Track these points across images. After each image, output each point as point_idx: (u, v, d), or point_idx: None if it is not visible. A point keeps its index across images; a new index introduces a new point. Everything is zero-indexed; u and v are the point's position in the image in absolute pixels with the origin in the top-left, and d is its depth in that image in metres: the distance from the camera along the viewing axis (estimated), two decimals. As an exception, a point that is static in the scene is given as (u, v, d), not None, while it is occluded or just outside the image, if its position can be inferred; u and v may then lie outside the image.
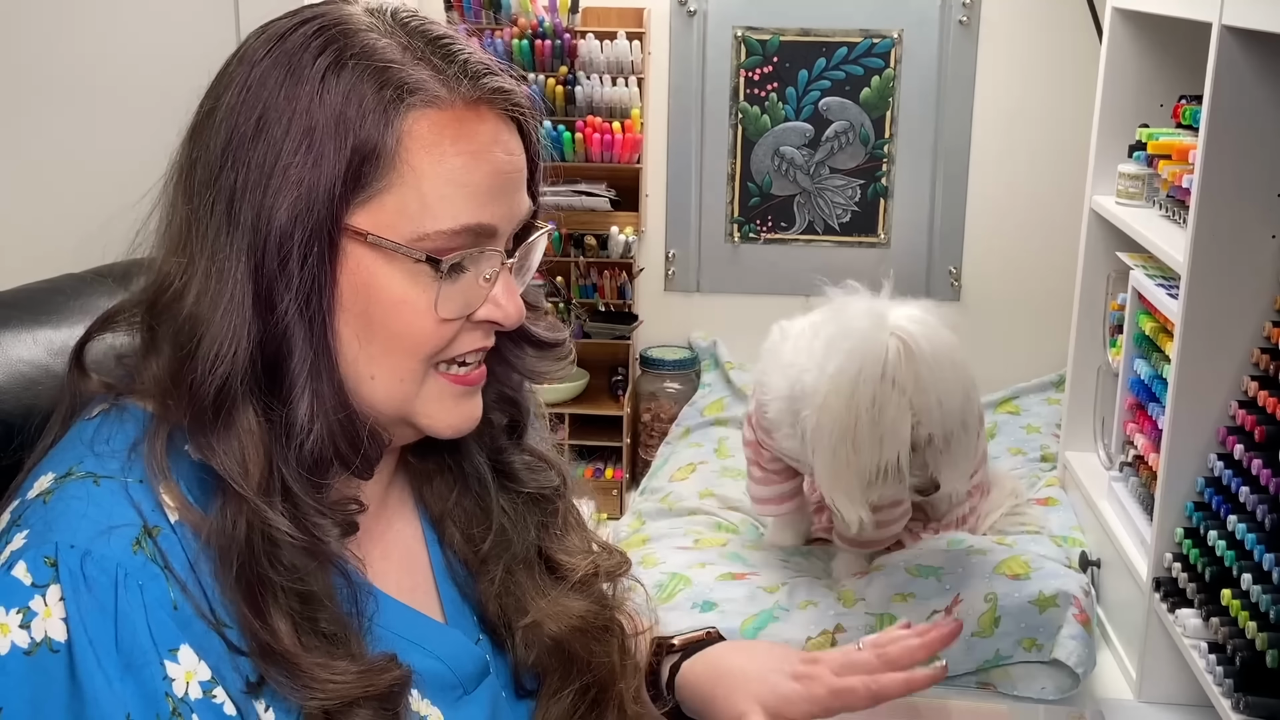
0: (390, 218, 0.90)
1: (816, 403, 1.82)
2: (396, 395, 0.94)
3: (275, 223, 0.88)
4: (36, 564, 0.83)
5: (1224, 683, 1.53)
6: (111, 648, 0.83)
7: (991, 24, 2.88)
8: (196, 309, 0.89)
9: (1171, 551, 1.74)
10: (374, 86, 0.89)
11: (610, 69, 2.84)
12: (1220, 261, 1.64)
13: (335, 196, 0.88)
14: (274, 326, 0.88)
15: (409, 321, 0.91)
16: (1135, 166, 2.07)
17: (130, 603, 0.84)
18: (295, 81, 0.89)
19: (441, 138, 0.90)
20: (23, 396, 1.04)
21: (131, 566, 0.84)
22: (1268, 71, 1.58)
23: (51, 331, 1.10)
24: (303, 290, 0.88)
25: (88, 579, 0.83)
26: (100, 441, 0.90)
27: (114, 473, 0.88)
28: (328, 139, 0.88)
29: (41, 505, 0.87)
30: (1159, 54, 2.13)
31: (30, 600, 0.83)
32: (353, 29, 0.91)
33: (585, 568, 1.10)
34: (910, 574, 1.98)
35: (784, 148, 2.97)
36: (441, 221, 0.90)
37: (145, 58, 1.85)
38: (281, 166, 0.88)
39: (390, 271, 0.90)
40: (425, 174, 0.89)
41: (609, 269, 2.93)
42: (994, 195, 2.91)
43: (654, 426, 2.95)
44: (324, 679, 0.88)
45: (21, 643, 0.82)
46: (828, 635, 1.87)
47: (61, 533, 0.84)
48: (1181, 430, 1.71)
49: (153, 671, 0.83)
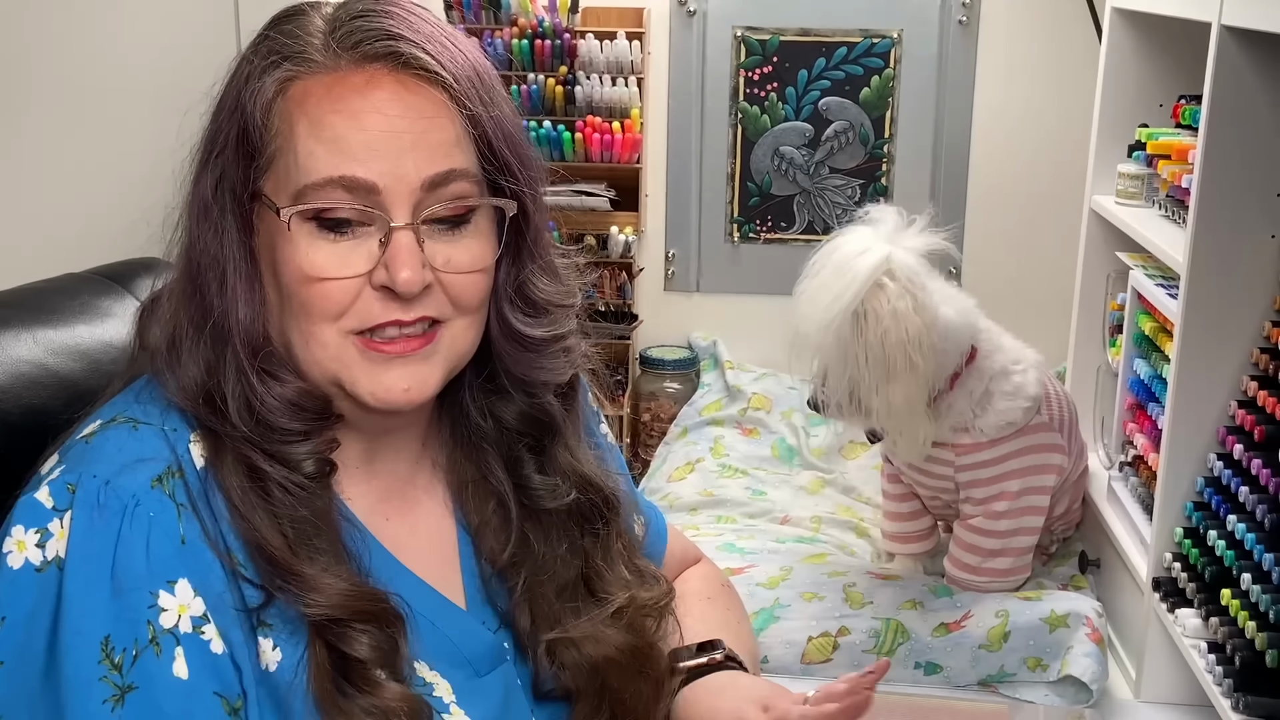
0: (280, 182, 0.94)
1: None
2: (320, 359, 0.96)
3: (202, 194, 0.95)
4: (59, 490, 0.89)
5: (1224, 683, 1.53)
6: (106, 571, 0.87)
7: (991, 24, 2.88)
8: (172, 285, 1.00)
9: (1171, 551, 1.74)
10: (261, 59, 0.95)
11: (610, 69, 2.84)
12: (1220, 261, 1.64)
13: (238, 166, 0.94)
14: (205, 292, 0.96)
15: (301, 279, 0.94)
16: (1135, 166, 2.07)
17: (135, 530, 0.88)
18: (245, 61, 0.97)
19: (320, 101, 0.93)
20: (23, 396, 1.05)
21: (146, 498, 0.89)
22: (1268, 71, 1.58)
23: (51, 331, 1.11)
24: (230, 258, 0.95)
25: (100, 504, 0.88)
26: (144, 397, 0.97)
27: (153, 419, 0.94)
28: (233, 113, 0.95)
29: (84, 445, 0.93)
30: (1159, 54, 2.13)
31: (49, 522, 0.88)
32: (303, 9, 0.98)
33: (621, 600, 1.10)
34: (928, 587, 1.98)
35: (784, 148, 2.97)
36: (309, 175, 0.93)
37: (146, 58, 1.85)
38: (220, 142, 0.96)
39: (284, 234, 0.94)
40: (299, 135, 0.93)
41: (609, 269, 2.93)
42: (994, 195, 2.91)
43: (654, 426, 2.95)
44: (325, 584, 0.92)
45: (35, 560, 0.87)
46: (829, 638, 1.87)
47: (91, 464, 0.90)
48: (1181, 430, 1.71)
49: (139, 598, 0.87)
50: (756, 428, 2.71)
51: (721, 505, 2.39)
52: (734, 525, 2.31)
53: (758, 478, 2.51)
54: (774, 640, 1.87)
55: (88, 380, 1.09)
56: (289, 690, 0.91)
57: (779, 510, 2.37)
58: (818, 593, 1.97)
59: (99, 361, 1.12)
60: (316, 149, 0.92)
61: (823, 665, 1.86)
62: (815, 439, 2.67)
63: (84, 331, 1.13)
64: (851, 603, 1.95)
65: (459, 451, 1.08)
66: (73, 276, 1.21)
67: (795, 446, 2.64)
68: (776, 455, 2.62)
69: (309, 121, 0.93)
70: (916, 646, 1.86)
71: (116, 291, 1.19)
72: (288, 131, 0.93)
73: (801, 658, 1.86)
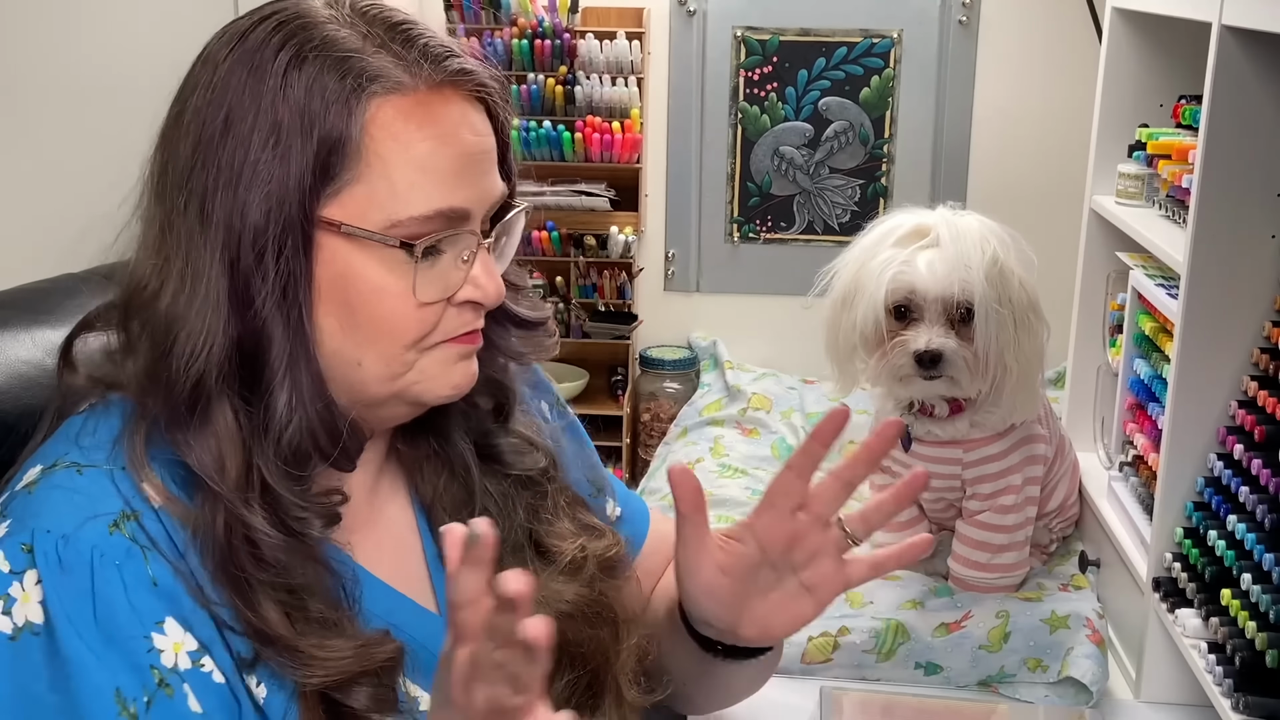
0: (362, 207, 0.90)
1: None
2: (385, 378, 0.94)
3: (248, 219, 0.89)
4: (13, 551, 0.85)
5: (1224, 683, 1.53)
6: (91, 625, 0.84)
7: (991, 24, 2.88)
8: (172, 308, 0.90)
9: (1171, 551, 1.73)
10: (336, 77, 0.90)
11: (610, 69, 2.84)
12: (1220, 261, 1.64)
13: (305, 189, 0.89)
14: (251, 321, 0.90)
15: (390, 307, 0.92)
16: (1135, 166, 2.07)
17: (108, 581, 0.85)
18: (259, 79, 0.90)
19: (407, 123, 0.91)
20: (22, 396, 1.04)
21: (107, 547, 0.85)
22: (1268, 71, 1.57)
23: (50, 331, 1.11)
24: (279, 284, 0.89)
25: (63, 562, 0.84)
26: (86, 435, 0.92)
27: (98, 461, 0.90)
28: (294, 134, 0.89)
29: (26, 495, 0.89)
30: (1159, 54, 2.13)
31: (9, 587, 0.84)
32: (312, 21, 0.92)
33: (572, 551, 1.09)
34: (928, 586, 1.98)
35: (784, 148, 2.97)
36: (413, 207, 0.91)
37: (145, 58, 1.85)
38: (251, 163, 0.89)
39: (366, 260, 0.91)
40: (393, 161, 0.90)
41: (609, 269, 2.93)
42: (994, 195, 2.91)
43: (654, 426, 2.95)
44: (321, 658, 0.89)
45: (5, 629, 0.83)
46: (829, 638, 1.87)
47: (41, 519, 0.86)
48: (1181, 430, 1.70)
49: (136, 645, 0.84)
50: (756, 428, 2.71)
51: (721, 505, 2.38)
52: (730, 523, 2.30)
53: (758, 478, 2.51)
54: (774, 640, 1.87)
55: (87, 381, 1.09)
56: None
57: (779, 510, 2.36)
58: (817, 593, 1.97)
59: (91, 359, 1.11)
60: (416, 178, 0.91)
61: (823, 665, 1.86)
62: (815, 439, 2.66)
63: (83, 332, 1.13)
64: (851, 603, 1.94)
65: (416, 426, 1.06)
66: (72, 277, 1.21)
67: (795, 446, 2.63)
68: (776, 455, 2.62)
69: (399, 146, 0.90)
70: (916, 646, 1.86)
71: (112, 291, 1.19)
72: (374, 155, 0.90)
73: (802, 658, 1.86)
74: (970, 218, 1.90)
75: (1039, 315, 1.91)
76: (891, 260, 1.87)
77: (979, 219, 1.90)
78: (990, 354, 1.85)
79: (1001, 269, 1.86)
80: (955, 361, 1.86)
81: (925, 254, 1.87)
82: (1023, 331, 1.87)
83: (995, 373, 1.88)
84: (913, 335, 1.87)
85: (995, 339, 1.85)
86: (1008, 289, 1.86)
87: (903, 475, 2.01)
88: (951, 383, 1.89)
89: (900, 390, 1.94)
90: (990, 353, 1.85)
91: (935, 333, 1.86)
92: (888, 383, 1.94)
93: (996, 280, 1.85)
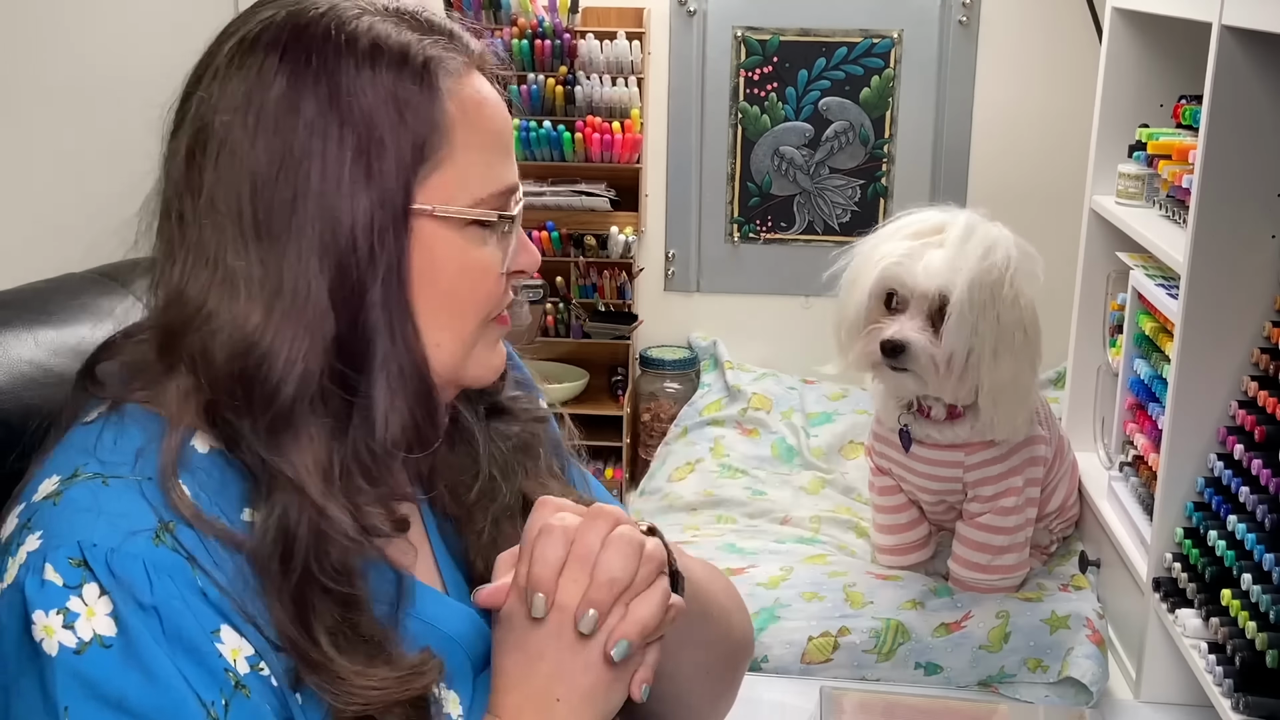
0: (449, 189, 0.93)
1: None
2: (458, 357, 0.97)
3: (351, 220, 0.90)
4: (63, 565, 0.84)
5: (1224, 683, 1.53)
6: (162, 635, 0.83)
7: (991, 24, 2.88)
8: (249, 324, 0.89)
9: (1171, 551, 1.74)
10: (409, 70, 0.92)
11: (610, 69, 2.84)
12: (1220, 261, 1.64)
13: (403, 184, 0.91)
14: (355, 317, 0.91)
15: (475, 282, 0.96)
16: (1135, 166, 2.07)
17: (166, 592, 0.84)
18: (331, 85, 0.90)
19: (471, 104, 0.94)
20: (23, 396, 1.04)
21: (155, 559, 0.85)
22: (1268, 71, 1.58)
23: (52, 331, 1.10)
24: (382, 277, 0.91)
25: (118, 575, 0.84)
26: (104, 446, 0.90)
27: (122, 473, 0.89)
28: (385, 131, 0.90)
29: (51, 507, 0.87)
30: (1159, 54, 2.13)
31: (67, 601, 0.83)
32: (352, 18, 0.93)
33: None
34: (928, 586, 1.98)
35: (784, 148, 2.97)
36: (489, 184, 0.95)
37: (144, 57, 1.85)
38: (346, 168, 0.89)
39: (452, 239, 0.94)
40: (469, 142, 0.93)
41: (609, 269, 2.93)
42: (994, 195, 2.90)
43: (654, 426, 2.95)
44: (362, 686, 0.88)
45: (69, 643, 0.83)
46: (829, 638, 1.87)
47: (80, 532, 0.85)
48: (1181, 430, 1.71)
49: (208, 650, 0.84)
50: (756, 428, 2.71)
51: (721, 505, 2.39)
52: (734, 525, 2.31)
53: (758, 478, 2.51)
54: (774, 640, 1.87)
55: (88, 381, 1.09)
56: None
57: (779, 510, 2.37)
58: (818, 593, 1.97)
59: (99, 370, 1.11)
60: (488, 156, 0.95)
61: (823, 665, 1.86)
62: (815, 439, 2.67)
63: (85, 332, 1.12)
64: (852, 603, 1.95)
65: None
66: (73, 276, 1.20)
67: (795, 446, 2.64)
68: (776, 455, 2.62)
69: (471, 127, 0.94)
70: (917, 646, 1.86)
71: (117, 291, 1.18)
72: (454, 138, 0.93)
73: (802, 658, 1.86)
74: (995, 228, 1.91)
75: (1030, 341, 1.89)
76: (894, 252, 1.89)
77: (1005, 233, 1.90)
78: (955, 357, 1.85)
79: (996, 282, 1.85)
80: (919, 357, 1.86)
81: (929, 251, 1.88)
82: (1004, 349, 1.85)
83: (969, 380, 1.87)
84: (888, 324, 1.88)
85: (964, 343, 1.84)
86: (996, 303, 1.84)
87: (904, 477, 2.04)
88: (916, 379, 1.89)
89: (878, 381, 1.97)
90: (956, 355, 1.85)
91: (909, 325, 1.87)
92: (860, 367, 1.95)
93: (985, 291, 1.84)
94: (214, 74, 0.93)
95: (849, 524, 2.32)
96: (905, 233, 1.93)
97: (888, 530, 2.11)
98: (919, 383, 1.89)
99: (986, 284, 1.84)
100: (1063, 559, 2.15)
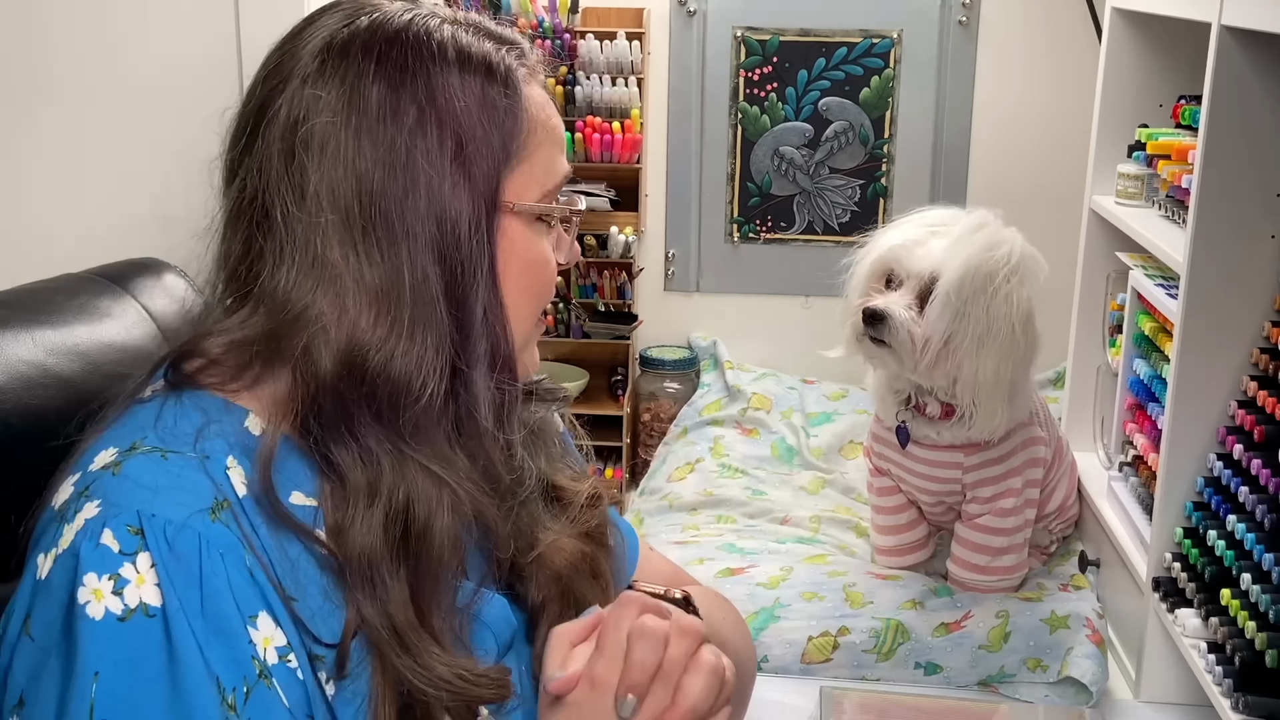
0: (525, 184, 0.98)
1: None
2: (520, 348, 1.01)
3: (455, 218, 0.94)
4: (121, 532, 0.86)
5: (1223, 683, 1.53)
6: (199, 614, 0.85)
7: (991, 24, 2.88)
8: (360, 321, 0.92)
9: (1171, 551, 1.73)
10: (495, 76, 0.97)
11: (610, 69, 2.84)
12: (1220, 261, 1.64)
13: (494, 181, 0.96)
14: (465, 313, 0.95)
15: (546, 274, 1.01)
16: (1135, 166, 2.07)
17: (214, 570, 0.86)
18: (426, 92, 0.94)
19: (538, 105, 1.00)
20: (22, 396, 1.04)
21: (212, 536, 0.87)
22: (1268, 71, 1.58)
23: (50, 332, 1.10)
24: (486, 273, 0.96)
25: (173, 547, 0.86)
26: (165, 424, 0.92)
27: (181, 449, 0.91)
28: (479, 135, 0.95)
29: (111, 477, 0.89)
30: (1159, 54, 2.13)
31: (120, 567, 0.85)
32: (434, 25, 0.97)
33: (589, 489, 1.12)
34: (928, 586, 1.98)
35: (784, 148, 2.97)
36: (555, 177, 1.01)
37: (144, 57, 1.85)
38: (447, 169, 0.94)
39: (525, 232, 0.99)
40: (543, 140, 0.99)
41: (609, 269, 2.93)
42: (994, 195, 2.90)
43: (654, 426, 2.95)
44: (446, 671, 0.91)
45: (115, 609, 0.84)
46: (829, 638, 1.87)
47: (140, 502, 0.87)
48: (1181, 430, 1.71)
49: (239, 637, 0.86)
50: (756, 428, 2.71)
51: (721, 505, 2.39)
52: (734, 525, 2.31)
53: (758, 478, 2.51)
54: (774, 640, 1.87)
55: (87, 381, 1.09)
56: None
57: (779, 510, 2.37)
58: (818, 592, 1.97)
59: (98, 363, 1.11)
60: (555, 153, 1.01)
61: (823, 665, 1.86)
62: (815, 439, 2.67)
63: (83, 332, 1.13)
64: (852, 603, 1.95)
65: None
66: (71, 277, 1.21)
67: (795, 446, 2.64)
68: (776, 455, 2.62)
69: (543, 126, 0.99)
70: (916, 646, 1.86)
71: (115, 292, 1.19)
72: (533, 137, 0.98)
73: (801, 657, 1.86)
74: (1009, 230, 1.91)
75: (1019, 342, 1.87)
76: (901, 236, 1.92)
77: (1017, 235, 1.91)
78: (933, 339, 1.85)
79: (990, 274, 1.85)
80: (897, 330, 1.86)
81: (934, 239, 1.89)
82: (990, 343, 1.85)
83: (945, 366, 1.87)
84: (877, 298, 1.90)
85: (945, 326, 1.84)
86: (987, 295, 1.84)
87: (903, 478, 2.04)
88: (894, 356, 1.89)
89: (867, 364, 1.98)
90: (934, 337, 1.85)
91: (895, 299, 1.88)
92: (849, 342, 1.95)
93: (978, 280, 1.84)
94: (303, 78, 0.95)
95: (849, 524, 2.32)
96: (919, 222, 1.95)
97: (887, 531, 2.11)
98: (896, 360, 1.89)
99: (980, 274, 1.84)
100: (1062, 559, 2.15)
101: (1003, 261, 1.86)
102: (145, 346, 1.16)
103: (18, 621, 0.86)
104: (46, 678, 0.84)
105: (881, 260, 1.92)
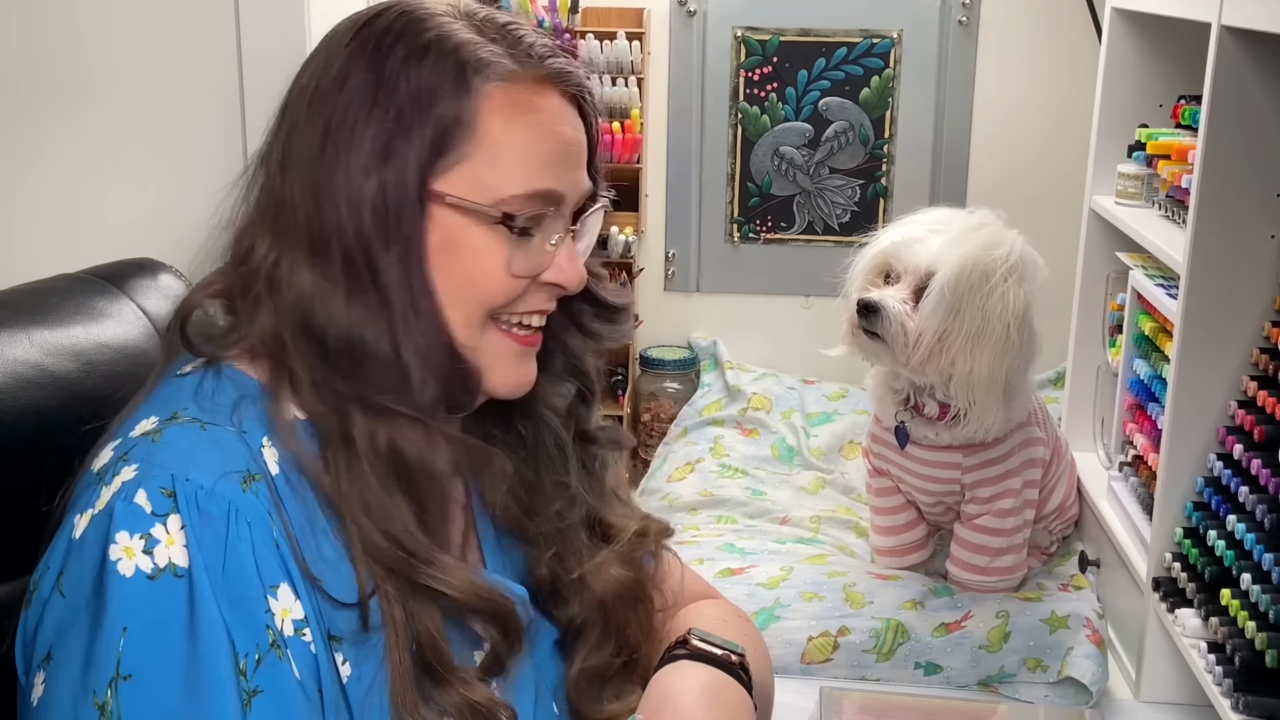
0: (470, 183, 0.98)
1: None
2: (470, 339, 1.00)
3: (371, 194, 0.96)
4: (155, 493, 0.89)
5: (1223, 682, 1.53)
6: (221, 579, 0.88)
7: (991, 24, 2.87)
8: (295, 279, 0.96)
9: (1171, 551, 1.73)
10: (452, 63, 0.97)
11: (610, 69, 2.84)
12: (1220, 261, 1.64)
13: (419, 170, 0.96)
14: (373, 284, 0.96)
15: (485, 270, 0.99)
16: (1135, 166, 2.07)
17: (240, 538, 0.89)
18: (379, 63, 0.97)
19: (514, 109, 0.98)
20: (20, 396, 1.05)
21: (242, 504, 0.90)
22: (1267, 71, 1.57)
23: (47, 332, 1.11)
24: (399, 253, 0.96)
25: (203, 511, 0.89)
26: (204, 396, 0.96)
27: (219, 421, 0.94)
28: (414, 114, 0.96)
29: (150, 443, 0.92)
30: (1158, 54, 2.13)
31: (151, 527, 0.88)
32: (430, 14, 0.99)
33: (637, 526, 1.15)
34: (928, 586, 1.98)
35: (784, 148, 2.97)
36: (515, 186, 0.98)
37: (144, 57, 1.85)
38: (374, 142, 0.96)
39: (469, 228, 0.98)
40: (501, 142, 0.98)
41: (609, 269, 2.93)
42: (993, 195, 2.89)
43: (654, 426, 2.95)
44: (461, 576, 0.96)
45: (145, 567, 0.87)
46: (829, 638, 1.87)
47: (176, 467, 0.90)
48: (1181, 430, 1.70)
49: (257, 604, 0.89)
50: (756, 428, 2.71)
51: (721, 505, 2.39)
52: (734, 525, 2.30)
53: (758, 478, 2.51)
54: (774, 640, 1.87)
55: (83, 381, 1.09)
56: (363, 707, 0.93)
57: (779, 510, 2.37)
58: (818, 592, 1.96)
59: (95, 362, 1.12)
60: (520, 160, 0.98)
61: (823, 665, 1.86)
62: (815, 439, 2.66)
63: (80, 332, 1.13)
64: (852, 603, 1.94)
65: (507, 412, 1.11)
66: (68, 277, 1.21)
67: (795, 446, 2.63)
68: (776, 455, 2.62)
69: (507, 129, 0.98)
70: (916, 646, 1.86)
71: (112, 292, 1.19)
72: (484, 137, 0.97)
73: (801, 657, 1.86)
74: (1010, 232, 1.91)
75: (1015, 342, 1.87)
76: (903, 233, 1.92)
77: (1018, 238, 1.91)
78: (926, 334, 1.85)
79: (987, 272, 1.85)
80: (890, 322, 1.86)
81: (933, 236, 1.89)
82: (984, 341, 1.85)
83: (937, 362, 1.87)
84: (874, 291, 1.90)
85: (939, 321, 1.84)
86: (982, 292, 1.84)
87: (902, 478, 2.04)
88: (887, 350, 1.89)
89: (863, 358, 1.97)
90: (927, 332, 1.85)
91: (890, 293, 1.88)
92: (846, 336, 1.95)
93: (974, 277, 1.84)
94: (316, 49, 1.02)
95: (849, 524, 2.32)
96: (921, 221, 1.95)
97: (886, 531, 2.11)
98: (890, 354, 1.89)
99: (976, 271, 1.84)
100: (1062, 559, 2.15)
101: (1001, 261, 1.86)
102: (141, 346, 1.16)
103: (50, 579, 0.89)
104: (75, 632, 0.87)
105: (880, 255, 1.92)
